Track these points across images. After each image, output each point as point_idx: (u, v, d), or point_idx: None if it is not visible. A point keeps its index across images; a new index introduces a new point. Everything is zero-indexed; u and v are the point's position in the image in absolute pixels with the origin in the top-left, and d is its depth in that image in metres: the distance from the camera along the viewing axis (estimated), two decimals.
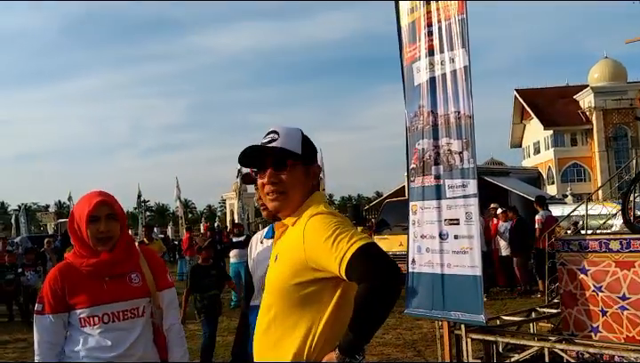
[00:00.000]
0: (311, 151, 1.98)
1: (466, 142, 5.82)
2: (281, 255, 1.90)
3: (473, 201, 5.72)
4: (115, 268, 2.63)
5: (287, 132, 1.93)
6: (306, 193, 1.94)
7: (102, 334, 2.54)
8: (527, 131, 59.45)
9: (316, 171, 1.98)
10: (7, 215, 79.24)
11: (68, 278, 2.58)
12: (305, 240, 1.79)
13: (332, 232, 1.74)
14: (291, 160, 1.90)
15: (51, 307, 2.56)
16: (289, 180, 1.90)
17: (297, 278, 1.81)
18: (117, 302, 2.58)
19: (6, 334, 10.29)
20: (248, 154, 1.92)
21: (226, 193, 48.56)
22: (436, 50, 6.07)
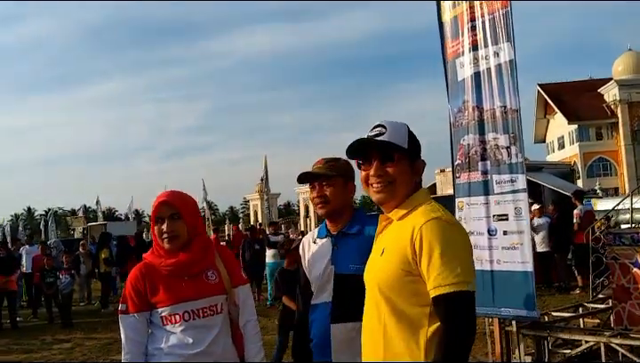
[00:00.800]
0: (416, 147, 2.00)
1: (513, 137, 5.76)
2: (388, 249, 1.90)
3: (522, 196, 5.67)
4: (192, 267, 2.65)
5: (394, 126, 1.96)
6: (410, 187, 1.95)
7: (184, 331, 2.57)
8: (551, 126, 58.70)
9: (420, 166, 2.00)
10: (35, 220, 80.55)
11: (148, 278, 2.62)
12: (419, 239, 1.78)
13: (448, 251, 1.75)
14: (398, 154, 1.92)
15: (134, 306, 2.61)
16: (395, 173, 1.92)
17: (406, 271, 1.81)
18: (197, 299, 2.60)
19: (49, 335, 10.47)
20: (355, 146, 1.96)
21: (248, 194, 48.82)
22: (480, 44, 6.02)
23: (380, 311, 1.87)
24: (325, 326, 2.61)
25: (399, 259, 1.82)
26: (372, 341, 1.91)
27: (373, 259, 2.00)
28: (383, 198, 1.95)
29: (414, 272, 1.79)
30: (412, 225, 1.82)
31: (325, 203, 2.70)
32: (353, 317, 2.53)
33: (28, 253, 14.63)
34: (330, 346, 2.58)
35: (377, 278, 1.89)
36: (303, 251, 2.87)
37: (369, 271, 1.99)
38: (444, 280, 1.71)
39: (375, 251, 2.01)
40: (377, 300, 1.88)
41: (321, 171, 2.72)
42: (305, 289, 2.82)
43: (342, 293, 2.60)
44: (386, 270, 1.87)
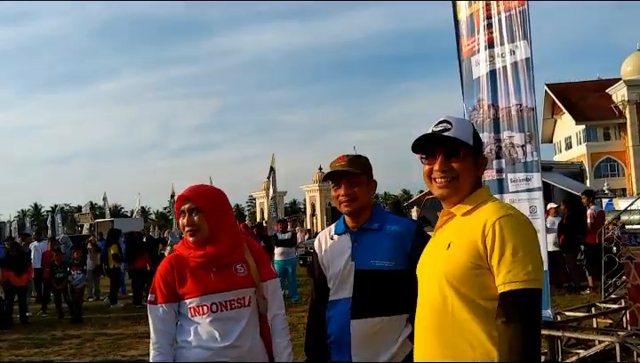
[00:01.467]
0: (480, 143, 2.03)
1: (529, 135, 5.75)
2: (456, 243, 1.89)
3: (537, 195, 5.65)
4: (220, 259, 2.66)
5: (460, 122, 1.99)
6: (474, 183, 1.98)
7: (212, 323, 2.56)
8: (558, 126, 58.47)
9: (483, 163, 2.03)
10: (41, 217, 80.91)
11: (177, 269, 2.64)
12: (492, 234, 1.79)
13: (521, 248, 1.76)
14: (463, 150, 1.95)
15: (163, 297, 2.63)
16: (459, 168, 1.95)
17: (476, 264, 1.81)
18: (225, 291, 2.60)
19: (59, 330, 10.51)
20: (420, 140, 1.98)
21: (255, 192, 48.86)
22: (496, 42, 6.00)
23: (448, 303, 1.86)
24: (345, 322, 2.58)
25: (469, 252, 1.82)
26: (436, 331, 1.89)
27: (436, 252, 1.98)
28: (446, 193, 1.98)
29: (484, 266, 1.80)
30: (484, 220, 1.83)
31: (353, 201, 2.67)
32: (374, 312, 2.55)
33: (36, 248, 14.69)
34: (349, 343, 2.56)
35: (444, 271, 1.88)
36: (319, 247, 2.83)
37: (430, 264, 1.99)
38: (515, 277, 1.72)
39: (437, 245, 2.01)
40: (444, 292, 1.87)
41: (348, 168, 2.69)
42: (320, 286, 2.79)
43: (363, 288, 2.59)
44: (454, 262, 1.86)
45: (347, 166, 2.70)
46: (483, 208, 1.90)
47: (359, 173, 2.69)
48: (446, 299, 1.86)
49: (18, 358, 8.21)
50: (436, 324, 1.89)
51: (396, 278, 2.55)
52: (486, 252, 1.79)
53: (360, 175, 2.69)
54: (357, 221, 2.72)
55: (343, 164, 2.72)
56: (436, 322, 1.89)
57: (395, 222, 2.71)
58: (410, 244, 2.60)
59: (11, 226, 43.96)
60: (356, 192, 2.67)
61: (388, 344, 2.55)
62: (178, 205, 2.70)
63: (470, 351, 1.79)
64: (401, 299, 2.55)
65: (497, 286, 1.75)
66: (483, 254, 1.79)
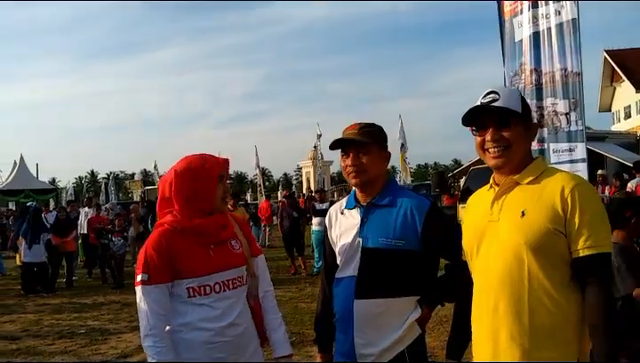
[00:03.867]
0: (529, 111, 2.06)
1: (574, 102, 5.38)
2: (531, 209, 1.89)
3: (581, 166, 5.32)
4: (221, 233, 2.49)
5: (507, 92, 2.01)
6: (527, 151, 2.02)
7: (213, 303, 2.38)
8: (617, 94, 55.92)
9: (534, 129, 2.07)
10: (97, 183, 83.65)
11: (173, 246, 2.37)
12: (571, 199, 1.83)
13: (599, 215, 1.85)
14: (514, 118, 1.96)
15: (158, 276, 2.34)
16: (511, 137, 1.96)
17: (556, 229, 1.83)
18: (227, 269, 2.44)
19: (101, 295, 10.78)
20: (470, 113, 2.01)
21: (302, 161, 48.92)
22: (540, 2, 5.61)
23: (524, 270, 1.87)
24: (349, 301, 2.42)
25: (549, 218, 1.85)
26: (510, 300, 1.89)
27: (506, 221, 1.94)
28: (501, 163, 1.99)
29: (562, 232, 1.84)
30: (559, 187, 1.86)
31: (361, 172, 2.47)
32: (379, 293, 2.39)
33: (85, 214, 15.04)
34: (352, 323, 2.41)
35: (523, 238, 1.87)
36: (330, 222, 2.67)
37: (499, 234, 1.94)
38: (596, 241, 1.80)
39: (504, 214, 1.96)
40: (520, 259, 1.88)
41: (357, 137, 2.48)
42: (330, 262, 2.64)
43: (369, 268, 2.41)
44: (535, 228, 1.86)
45: (356, 135, 2.48)
46: (550, 176, 1.93)
47: (369, 142, 2.47)
48: (522, 265, 1.87)
49: (58, 322, 8.43)
50: (510, 292, 1.88)
51: (405, 257, 2.38)
52: (565, 217, 1.83)
53: (370, 145, 2.47)
54: (368, 196, 2.52)
55: (353, 132, 2.51)
56: (510, 290, 1.88)
57: (408, 198, 2.48)
58: (422, 223, 2.40)
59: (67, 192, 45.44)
60: (364, 163, 2.47)
61: (393, 327, 2.38)
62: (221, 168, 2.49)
63: (548, 317, 1.83)
64: (410, 280, 2.41)
65: (575, 250, 1.82)
66: (562, 219, 1.83)
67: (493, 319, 1.92)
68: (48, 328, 8.01)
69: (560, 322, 1.83)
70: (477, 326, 2.02)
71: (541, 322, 1.83)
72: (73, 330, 7.79)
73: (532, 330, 1.84)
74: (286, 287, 10.67)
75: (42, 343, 7.10)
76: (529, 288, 1.85)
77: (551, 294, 1.84)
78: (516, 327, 1.86)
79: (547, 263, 1.84)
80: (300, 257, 12.68)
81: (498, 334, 1.91)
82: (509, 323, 1.88)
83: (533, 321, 1.84)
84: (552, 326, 1.83)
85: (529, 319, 1.84)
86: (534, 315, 1.84)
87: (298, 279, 11.62)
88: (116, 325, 8.02)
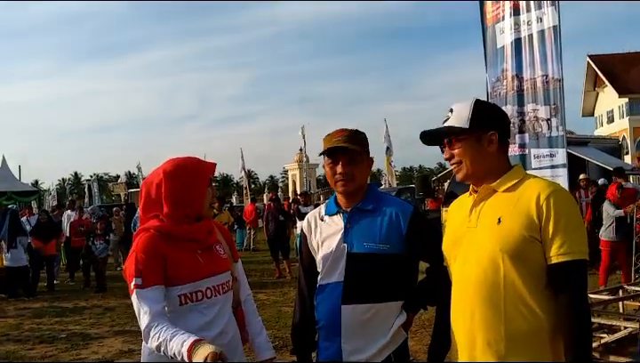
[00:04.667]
0: (485, 119, 2.03)
1: (554, 108, 5.43)
2: (507, 217, 1.92)
3: (562, 172, 5.36)
4: (208, 238, 2.45)
5: (458, 108, 2.05)
6: (491, 160, 2.02)
7: (204, 309, 2.32)
8: (600, 99, 56.51)
9: (489, 138, 2.02)
10: (81, 185, 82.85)
11: (162, 250, 2.26)
12: (546, 206, 1.85)
13: (574, 221, 1.87)
14: (455, 137, 2.03)
15: (152, 279, 2.21)
16: (460, 153, 2.03)
17: (531, 236, 1.85)
18: (216, 274, 2.39)
19: (83, 299, 10.68)
20: (422, 137, 2.13)
21: (288, 164, 48.82)
22: (522, 9, 5.66)
23: (501, 277, 1.89)
24: (335, 307, 2.41)
25: (524, 225, 1.87)
26: (487, 306, 1.91)
27: (482, 228, 1.98)
28: (462, 177, 2.05)
29: (537, 238, 1.86)
30: (535, 194, 1.89)
31: (350, 180, 2.46)
32: (366, 298, 2.38)
33: (68, 217, 14.89)
34: (338, 329, 2.40)
35: (499, 245, 1.90)
36: (309, 229, 2.64)
37: (476, 241, 1.97)
38: (570, 248, 1.82)
39: (482, 221, 1.99)
40: (496, 266, 1.90)
41: (349, 145, 2.45)
42: (309, 269, 2.62)
43: (355, 273, 2.41)
44: (510, 236, 1.88)
45: (347, 142, 2.45)
46: (528, 183, 1.95)
47: (359, 150, 2.47)
48: (498, 272, 1.89)
49: (38, 326, 8.34)
50: (486, 299, 1.90)
51: (390, 262, 2.39)
52: (540, 224, 1.85)
53: (359, 153, 2.47)
54: (351, 202, 2.51)
55: (342, 139, 2.47)
56: (486, 297, 1.90)
57: (391, 203, 2.50)
58: (406, 227, 2.41)
59: (50, 194, 45.01)
60: (354, 171, 2.46)
61: (380, 332, 2.38)
62: (212, 172, 2.47)
63: (524, 324, 1.84)
64: (395, 284, 2.41)
65: (549, 257, 1.84)
66: (537, 227, 1.85)
67: (470, 325, 1.94)
68: (28, 333, 7.92)
69: (535, 329, 1.84)
70: (455, 331, 2.04)
71: (517, 329, 1.85)
72: (54, 335, 7.70)
73: (507, 336, 1.85)
74: (270, 291, 10.65)
75: (22, 348, 7.02)
76: (505, 295, 1.87)
77: (527, 301, 1.85)
78: (492, 334, 1.88)
79: (523, 270, 1.86)
80: (284, 261, 12.66)
81: (474, 339, 1.93)
82: (485, 329, 1.89)
83: (509, 328, 1.85)
84: (527, 333, 1.84)
85: (505, 326, 1.86)
86: (510, 322, 1.85)
87: (282, 283, 11.59)
88: (97, 329, 7.94)
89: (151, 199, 2.39)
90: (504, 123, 2.10)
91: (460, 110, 2.05)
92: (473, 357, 1.94)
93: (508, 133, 2.12)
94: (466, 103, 2.06)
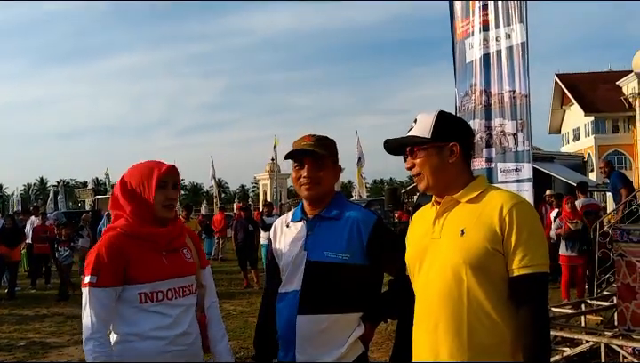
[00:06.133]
0: (448, 131, 2.03)
1: (521, 123, 5.52)
2: (470, 228, 1.91)
3: (527, 186, 5.44)
4: (174, 241, 2.47)
5: (422, 118, 2.06)
6: (455, 170, 2.02)
7: (165, 310, 2.34)
8: (567, 117, 57.83)
9: (451, 149, 2.02)
10: (47, 191, 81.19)
11: (126, 249, 2.32)
12: (509, 219, 1.86)
13: (536, 234, 1.88)
14: (417, 146, 2.03)
15: (107, 279, 2.26)
16: (420, 164, 2.03)
17: (494, 249, 1.86)
18: (179, 277, 2.41)
19: (44, 306, 10.42)
20: (387, 146, 2.14)
21: (259, 174, 48.67)
22: (491, 25, 5.76)
23: (464, 288, 1.89)
24: (291, 317, 2.38)
25: (487, 238, 1.87)
26: (449, 317, 1.91)
27: (445, 239, 1.97)
28: (423, 187, 2.05)
29: (500, 250, 1.86)
30: (499, 206, 1.89)
31: (315, 184, 2.45)
32: (323, 309, 2.35)
33: (32, 223, 14.55)
34: (294, 340, 2.36)
35: (462, 257, 1.90)
36: (275, 235, 2.63)
37: (439, 251, 1.97)
38: (531, 261, 1.83)
39: (445, 232, 1.99)
40: (459, 278, 1.90)
41: (315, 149, 2.45)
42: (273, 276, 2.60)
43: (313, 282, 2.38)
44: (473, 248, 1.89)
45: (313, 146, 2.45)
46: (491, 195, 1.96)
47: (326, 154, 2.46)
48: (461, 284, 1.89)
49: None
50: (449, 311, 1.90)
51: (350, 272, 2.36)
52: (502, 236, 1.86)
53: (326, 158, 2.46)
54: (315, 209, 2.49)
55: (309, 143, 2.46)
56: (448, 308, 1.90)
57: (354, 212, 2.47)
58: (367, 237, 2.39)
59: (14, 200, 43.95)
60: (320, 176, 2.45)
61: (335, 344, 2.34)
62: (161, 173, 2.42)
63: (486, 335, 1.85)
64: (354, 295, 2.38)
65: (511, 269, 1.84)
66: (500, 238, 1.86)
67: (434, 336, 1.94)
68: None
69: (497, 341, 1.85)
70: (418, 343, 2.02)
71: (479, 340, 1.85)
72: (12, 343, 7.50)
73: (470, 347, 1.86)
74: (237, 301, 10.55)
75: None
76: (468, 307, 1.87)
77: (489, 312, 1.86)
78: (455, 345, 1.88)
79: (485, 282, 1.86)
80: (252, 270, 12.56)
81: (438, 351, 1.92)
82: (449, 341, 1.89)
83: (472, 339, 1.86)
84: (489, 344, 1.85)
85: (467, 337, 1.86)
86: (473, 333, 1.86)
87: (250, 293, 11.50)
88: (58, 338, 7.74)
89: (116, 200, 2.47)
90: (467, 135, 2.09)
91: (423, 121, 2.05)
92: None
93: (470, 145, 2.11)
94: (429, 114, 2.06)
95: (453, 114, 2.13)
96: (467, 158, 2.06)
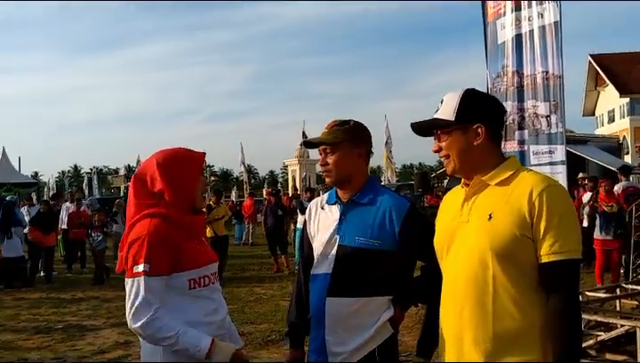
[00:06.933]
0: (473, 111, 1.95)
1: (554, 105, 5.41)
2: (498, 213, 1.84)
3: (561, 169, 5.35)
4: (202, 229, 2.57)
5: (447, 99, 1.99)
6: (478, 153, 1.94)
7: (211, 294, 2.37)
8: (601, 98, 56.46)
9: (476, 131, 1.94)
10: (80, 178, 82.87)
11: (172, 236, 2.27)
12: (539, 203, 1.78)
13: (568, 219, 1.80)
14: (441, 129, 1.98)
15: (161, 267, 2.21)
16: (446, 146, 1.98)
17: (522, 234, 1.78)
18: (212, 262, 2.45)
19: (80, 290, 10.68)
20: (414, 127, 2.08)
21: (288, 159, 48.79)
22: (523, 5, 5.64)
23: (489, 275, 1.84)
24: (321, 298, 2.42)
25: (515, 223, 1.80)
26: (476, 304, 1.86)
27: (473, 223, 1.91)
28: (450, 170, 2.01)
29: (528, 236, 1.79)
30: (528, 189, 1.81)
31: (329, 172, 2.49)
32: (352, 292, 2.38)
33: (67, 209, 14.87)
34: (324, 321, 2.41)
35: (488, 242, 1.84)
36: (309, 215, 2.67)
37: (466, 236, 1.92)
38: (562, 247, 1.75)
39: (470, 215, 1.93)
40: (485, 263, 1.84)
41: (324, 137, 2.50)
42: (307, 257, 2.64)
43: (343, 266, 2.41)
44: (500, 233, 1.82)
45: (325, 134, 2.50)
46: (522, 177, 1.88)
47: (336, 142, 2.46)
48: (487, 270, 1.83)
49: (35, 317, 8.34)
50: (475, 297, 1.86)
51: (381, 257, 2.37)
52: (532, 221, 1.78)
53: (338, 144, 2.46)
54: (347, 193, 2.51)
55: (324, 132, 2.52)
56: (475, 295, 1.86)
57: (387, 199, 2.47)
58: (399, 224, 2.39)
59: (49, 187, 44.95)
60: (329, 163, 2.48)
61: (365, 326, 2.37)
62: (201, 163, 2.46)
63: (512, 323, 1.79)
64: (384, 280, 2.40)
65: (540, 256, 1.77)
66: (529, 224, 1.78)
67: (459, 322, 1.90)
68: (25, 323, 7.92)
69: (524, 328, 1.79)
70: (443, 327, 2.01)
71: (505, 328, 1.80)
72: (50, 325, 7.71)
73: (495, 335, 1.81)
74: (268, 285, 10.66)
75: (19, 338, 7.02)
76: (493, 294, 1.82)
77: (516, 300, 1.79)
78: (480, 332, 1.83)
79: (513, 269, 1.80)
80: (282, 255, 12.66)
81: (462, 337, 1.89)
82: (473, 327, 1.85)
83: (497, 327, 1.81)
84: (516, 333, 1.79)
85: (492, 325, 1.81)
86: (498, 321, 1.81)
87: (280, 277, 11.60)
88: (94, 321, 7.94)
89: (146, 190, 2.38)
90: (495, 114, 1.99)
91: (448, 101, 1.98)
92: (460, 354, 1.90)
93: (500, 124, 2.02)
94: (455, 93, 1.99)
95: (482, 92, 2.05)
96: (495, 139, 1.98)
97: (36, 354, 6.29)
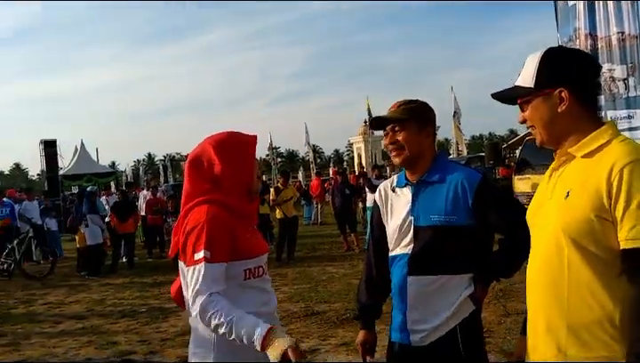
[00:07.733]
0: (555, 74, 1.75)
1: (632, 67, 5.14)
2: (576, 191, 1.66)
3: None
4: (256, 218, 2.49)
5: (527, 63, 1.81)
6: (565, 120, 1.74)
7: (264, 285, 2.32)
8: None
9: (563, 94, 1.73)
10: (155, 165, 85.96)
11: (229, 223, 2.20)
12: (618, 181, 1.57)
13: None
14: (521, 98, 1.82)
15: (221, 254, 2.13)
16: (529, 116, 1.81)
17: (600, 217, 1.59)
18: (265, 252, 2.39)
19: (160, 274, 11.10)
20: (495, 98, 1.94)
21: (352, 137, 48.74)
22: None
23: (564, 258, 1.67)
24: (403, 278, 2.44)
25: (592, 204, 1.60)
26: (551, 290, 1.71)
27: (552, 200, 1.75)
28: (538, 142, 1.84)
29: (608, 218, 1.59)
30: (610, 164, 1.60)
31: (399, 150, 2.46)
32: (432, 270, 2.39)
33: (144, 197, 15.51)
34: (406, 299, 2.43)
35: (561, 223, 1.67)
36: (381, 199, 2.66)
37: (544, 214, 1.77)
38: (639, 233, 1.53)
39: (552, 190, 1.77)
40: (560, 245, 1.67)
41: (393, 115, 2.48)
42: (377, 240, 2.66)
43: (422, 246, 2.41)
44: (575, 214, 1.64)
45: (393, 113, 2.49)
46: (608, 149, 1.66)
47: (404, 119, 2.44)
48: (562, 252, 1.67)
49: (120, 301, 8.80)
50: (550, 281, 1.72)
51: (458, 233, 2.36)
52: (610, 201, 1.58)
53: (406, 121, 2.44)
54: (416, 173, 2.50)
55: (392, 111, 2.51)
56: (549, 279, 1.72)
57: (458, 173, 2.44)
58: (472, 196, 2.36)
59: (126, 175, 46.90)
60: (400, 140, 2.45)
61: (446, 304, 2.38)
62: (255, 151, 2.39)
63: (589, 313, 1.63)
64: (463, 256, 2.39)
65: (619, 241, 1.56)
66: (607, 205, 1.58)
67: (534, 307, 1.79)
68: (112, 308, 8.36)
69: (602, 320, 1.61)
70: (528, 306, 1.87)
71: (580, 318, 1.64)
72: (135, 309, 8.08)
73: (568, 325, 1.66)
74: (339, 264, 10.76)
75: (106, 322, 7.40)
76: (569, 281, 1.66)
77: (594, 289, 1.62)
78: (553, 320, 1.70)
79: (589, 255, 1.62)
80: (352, 234, 12.72)
81: (536, 322, 1.77)
82: (546, 314, 1.73)
83: (571, 317, 1.65)
84: (592, 324, 1.62)
85: (566, 314, 1.66)
86: (572, 310, 1.65)
87: (351, 256, 11.67)
88: (175, 303, 8.23)
89: (202, 174, 2.30)
90: (582, 74, 1.76)
91: (527, 65, 1.80)
92: (535, 341, 1.79)
93: (590, 85, 1.78)
94: (535, 56, 1.80)
95: (567, 48, 1.85)
96: (586, 103, 1.75)
97: (123, 337, 6.62)
